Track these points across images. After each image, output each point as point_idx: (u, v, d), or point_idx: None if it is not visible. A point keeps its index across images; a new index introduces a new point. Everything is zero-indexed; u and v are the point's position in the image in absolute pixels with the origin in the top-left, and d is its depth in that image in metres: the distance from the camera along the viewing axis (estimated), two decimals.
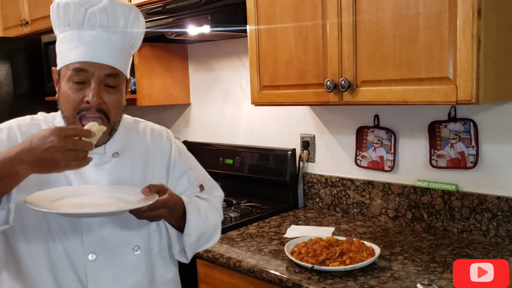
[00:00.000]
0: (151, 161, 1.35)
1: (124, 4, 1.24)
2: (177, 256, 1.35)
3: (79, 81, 1.17)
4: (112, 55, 1.21)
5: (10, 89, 3.00)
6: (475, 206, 1.82)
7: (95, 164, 1.24)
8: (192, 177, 1.42)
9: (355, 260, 1.57)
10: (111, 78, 1.20)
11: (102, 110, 1.19)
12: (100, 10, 1.18)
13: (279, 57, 1.91)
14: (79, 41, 1.18)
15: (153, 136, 1.39)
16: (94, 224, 1.22)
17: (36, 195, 1.12)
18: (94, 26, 1.19)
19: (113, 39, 1.21)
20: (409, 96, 1.57)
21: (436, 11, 1.47)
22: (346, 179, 2.21)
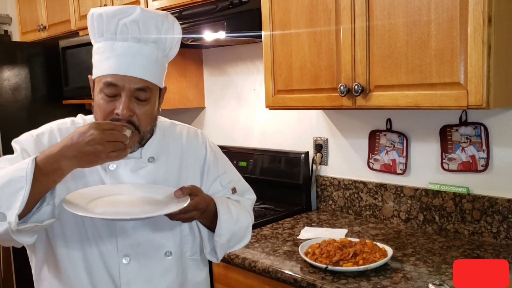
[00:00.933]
0: (186, 165, 1.37)
1: (158, 14, 1.23)
2: (208, 255, 1.37)
3: (110, 94, 1.20)
4: (144, 68, 1.21)
5: (28, 93, 3.08)
6: (486, 209, 1.85)
7: (131, 169, 1.28)
8: (225, 181, 1.44)
9: (368, 261, 1.61)
10: (141, 92, 1.21)
11: (132, 122, 1.21)
12: (132, 22, 1.18)
13: (293, 62, 1.96)
14: (111, 52, 1.20)
15: (188, 139, 1.41)
16: (128, 228, 1.26)
17: (73, 195, 1.16)
18: (126, 37, 1.19)
19: (145, 50, 1.21)
20: (421, 101, 1.61)
21: (447, 18, 1.51)
22: (359, 181, 2.24)
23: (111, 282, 1.26)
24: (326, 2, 1.82)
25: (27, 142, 1.26)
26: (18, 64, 3.04)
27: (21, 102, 3.05)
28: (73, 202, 1.13)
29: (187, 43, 2.53)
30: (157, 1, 2.53)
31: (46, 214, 1.11)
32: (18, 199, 1.03)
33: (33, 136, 1.28)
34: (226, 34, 2.13)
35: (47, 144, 1.24)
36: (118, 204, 1.18)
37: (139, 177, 1.29)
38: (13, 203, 1.04)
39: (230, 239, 1.35)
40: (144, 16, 1.20)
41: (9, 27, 4.90)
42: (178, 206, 1.16)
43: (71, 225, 1.23)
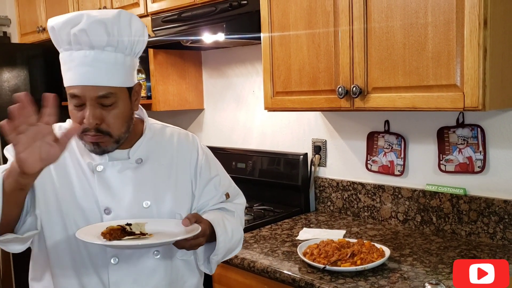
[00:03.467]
0: (177, 167, 1.38)
1: (106, 18, 1.20)
2: (202, 267, 1.40)
3: (76, 105, 1.21)
4: (103, 74, 1.20)
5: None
6: (482, 210, 1.87)
7: (118, 170, 1.29)
8: (218, 184, 1.45)
9: (365, 261, 1.62)
10: (105, 99, 1.20)
11: (101, 130, 1.22)
12: (80, 31, 1.17)
13: (292, 64, 1.98)
14: (71, 63, 1.20)
15: (180, 142, 1.42)
16: None
17: (85, 229, 1.20)
18: (80, 46, 1.18)
19: (101, 56, 1.19)
20: (418, 103, 1.62)
21: (444, 21, 1.53)
22: (357, 183, 2.26)
23: (100, 282, 1.28)
24: (325, 5, 1.84)
25: None
26: (17, 65, 3.05)
27: None
28: (86, 232, 1.18)
29: (187, 45, 2.55)
30: (156, 3, 2.55)
31: (28, 225, 1.13)
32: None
33: None
34: (225, 36, 2.14)
35: None
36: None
37: (126, 178, 1.30)
38: None
39: (225, 254, 1.39)
40: (92, 23, 1.17)
41: (8, 29, 4.91)
42: (192, 233, 1.19)
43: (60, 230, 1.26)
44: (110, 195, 1.28)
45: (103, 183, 1.28)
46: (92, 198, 1.27)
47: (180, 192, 1.37)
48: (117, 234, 1.17)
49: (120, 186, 1.29)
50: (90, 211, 1.27)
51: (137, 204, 1.30)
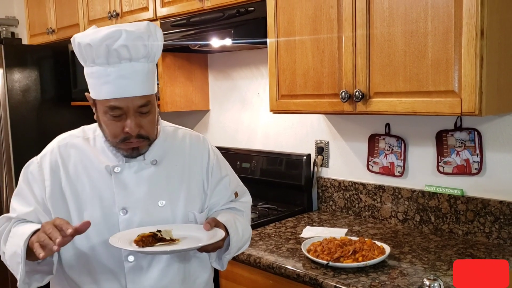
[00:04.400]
0: (189, 167, 1.46)
1: (142, 31, 1.27)
2: (214, 264, 1.49)
3: (116, 115, 1.28)
4: (141, 84, 1.27)
5: (38, 94, 3.17)
6: (479, 210, 1.95)
7: (135, 171, 1.37)
8: (228, 184, 1.54)
9: (367, 257, 1.71)
10: (143, 107, 1.28)
11: (141, 135, 1.30)
12: (121, 46, 1.23)
13: (297, 68, 2.06)
14: (107, 77, 1.25)
15: (191, 144, 1.50)
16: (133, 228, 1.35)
17: (117, 235, 1.29)
18: (117, 60, 1.24)
19: (137, 67, 1.27)
20: (418, 107, 1.71)
21: (443, 30, 1.61)
22: (358, 183, 2.34)
23: (116, 280, 1.35)
24: (329, 12, 1.92)
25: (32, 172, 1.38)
26: (28, 66, 3.13)
27: (31, 103, 3.14)
28: (119, 239, 1.27)
29: (194, 49, 2.63)
30: (165, 8, 2.63)
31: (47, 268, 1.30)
32: (18, 271, 1.24)
33: (38, 161, 1.39)
34: (233, 41, 2.22)
35: (48, 167, 1.36)
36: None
37: (142, 178, 1.37)
38: (18, 273, 1.25)
39: (236, 252, 1.48)
40: (132, 37, 1.24)
41: (15, 29, 4.99)
42: (215, 238, 1.29)
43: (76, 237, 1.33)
44: (127, 195, 1.35)
45: (120, 184, 1.35)
46: (108, 199, 1.34)
47: (193, 192, 1.45)
48: (149, 241, 1.25)
49: (136, 186, 1.36)
50: (107, 211, 1.34)
51: (153, 203, 1.37)
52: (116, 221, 1.33)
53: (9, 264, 1.31)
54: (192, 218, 1.42)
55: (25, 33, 4.54)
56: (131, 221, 1.34)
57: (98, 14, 3.09)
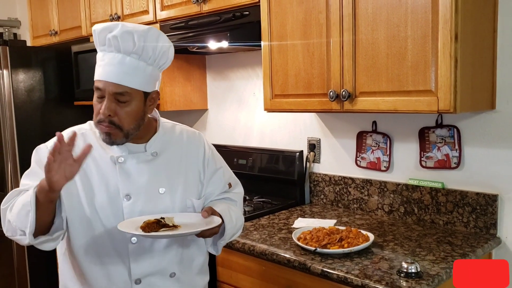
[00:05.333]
0: (186, 159, 1.61)
1: (137, 29, 1.41)
2: (210, 249, 1.65)
3: (98, 96, 1.43)
4: (122, 75, 1.40)
5: (42, 94, 3.30)
6: (457, 201, 2.10)
7: (137, 161, 1.51)
8: (222, 175, 1.70)
9: (352, 244, 1.84)
10: (120, 95, 1.40)
11: (113, 122, 1.42)
12: (113, 37, 1.39)
13: (289, 70, 2.20)
14: (101, 61, 1.42)
15: (188, 138, 1.65)
16: (135, 214, 1.49)
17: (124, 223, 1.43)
18: (112, 49, 1.41)
19: (126, 60, 1.40)
20: (399, 106, 1.84)
21: (421, 35, 1.75)
22: (348, 178, 2.48)
23: (120, 261, 1.49)
24: (318, 18, 2.06)
25: (42, 155, 1.50)
26: (32, 67, 3.26)
27: (36, 102, 3.27)
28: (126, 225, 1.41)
29: (193, 50, 2.76)
30: (165, 11, 2.76)
31: (56, 226, 1.39)
32: (29, 219, 1.32)
33: (47, 147, 1.52)
34: (229, 44, 2.36)
35: None
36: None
37: (144, 168, 1.52)
38: (27, 223, 1.32)
39: (230, 238, 1.62)
40: (124, 32, 1.39)
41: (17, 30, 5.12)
42: (212, 224, 1.45)
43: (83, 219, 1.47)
44: (130, 183, 1.49)
45: (124, 172, 1.49)
46: (113, 187, 1.48)
47: (190, 181, 1.60)
48: (153, 226, 1.39)
49: (139, 175, 1.50)
50: (111, 198, 1.48)
51: (154, 191, 1.52)
52: (120, 206, 1.47)
53: (16, 223, 1.36)
54: (190, 204, 1.57)
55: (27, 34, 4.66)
56: (134, 207, 1.48)
57: (100, 17, 3.22)
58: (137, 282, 1.50)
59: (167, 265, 1.54)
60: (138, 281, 1.50)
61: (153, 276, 1.52)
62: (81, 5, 3.37)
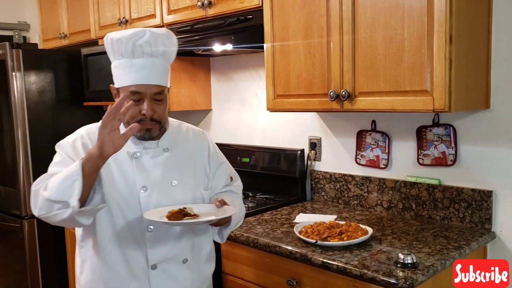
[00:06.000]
0: (194, 155, 1.75)
1: (163, 33, 1.58)
2: (215, 237, 1.78)
3: (135, 99, 1.54)
4: (158, 76, 1.57)
5: (53, 95, 3.40)
6: (454, 197, 2.18)
7: (151, 156, 1.64)
8: (225, 170, 1.84)
9: (351, 237, 1.93)
10: (158, 95, 1.57)
11: (154, 119, 1.57)
12: (145, 42, 1.53)
13: (291, 71, 2.29)
14: (132, 67, 1.54)
15: (194, 136, 1.79)
16: (151, 204, 1.60)
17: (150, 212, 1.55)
18: (141, 54, 1.54)
19: (156, 62, 1.56)
20: (396, 105, 1.93)
21: (417, 37, 1.83)
22: (348, 175, 2.57)
23: (138, 247, 1.61)
24: (319, 21, 2.14)
25: (67, 148, 1.60)
26: (44, 69, 3.36)
27: (47, 103, 3.37)
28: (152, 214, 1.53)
29: (198, 53, 2.86)
30: (171, 15, 2.86)
31: (98, 201, 1.44)
32: (75, 188, 1.36)
33: (69, 142, 1.62)
34: (233, 46, 2.45)
35: (81, 147, 1.60)
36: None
37: (157, 162, 1.64)
38: (72, 192, 1.36)
39: (234, 227, 1.75)
40: (154, 37, 1.54)
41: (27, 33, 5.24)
42: (230, 213, 1.58)
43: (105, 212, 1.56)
44: (146, 176, 1.61)
45: (140, 166, 1.61)
46: (131, 179, 1.60)
47: (198, 174, 1.73)
48: (177, 216, 1.52)
49: (153, 169, 1.63)
50: (129, 189, 1.59)
51: (167, 183, 1.64)
52: (137, 197, 1.59)
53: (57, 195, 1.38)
54: (199, 195, 1.70)
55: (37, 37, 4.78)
56: (150, 198, 1.60)
57: (108, 21, 3.32)
58: (153, 268, 1.61)
59: (180, 252, 1.66)
60: (154, 266, 1.61)
61: (168, 262, 1.63)
62: (90, 10, 3.47)
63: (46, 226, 3.23)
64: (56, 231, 3.33)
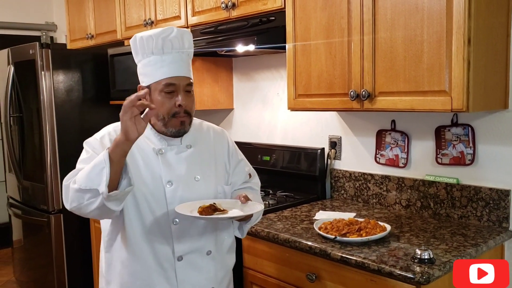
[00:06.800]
0: (215, 152, 1.83)
1: (186, 31, 1.70)
2: (236, 232, 1.86)
3: (169, 92, 1.62)
4: (186, 69, 1.67)
5: (80, 94, 3.51)
6: (472, 196, 2.21)
7: (175, 153, 1.72)
8: (244, 167, 1.92)
9: (370, 234, 1.98)
10: (189, 86, 1.67)
11: (187, 111, 1.65)
12: (174, 38, 1.64)
13: (312, 71, 2.34)
14: (162, 62, 1.63)
15: (214, 134, 1.88)
16: (176, 200, 1.67)
17: (181, 206, 1.63)
18: (170, 50, 1.64)
19: (183, 57, 1.67)
20: (415, 105, 1.97)
21: (436, 39, 1.88)
22: (367, 174, 2.62)
23: (164, 240, 1.68)
24: (340, 22, 2.20)
25: (95, 144, 1.68)
26: (71, 68, 3.47)
27: (74, 102, 3.49)
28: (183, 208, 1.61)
29: (221, 54, 2.93)
30: (196, 17, 2.93)
31: (125, 185, 1.50)
32: (104, 175, 1.43)
33: (97, 139, 1.70)
34: (256, 47, 2.52)
35: (109, 143, 1.65)
36: None
37: (181, 158, 1.72)
38: (101, 179, 1.43)
39: (253, 223, 1.83)
40: (180, 33, 1.66)
41: (54, 34, 5.39)
42: (258, 209, 1.67)
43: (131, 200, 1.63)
44: (171, 171, 1.69)
45: (165, 162, 1.69)
46: (157, 174, 1.67)
47: (218, 170, 1.82)
48: (208, 211, 1.60)
49: (178, 164, 1.70)
50: (155, 184, 1.67)
51: (191, 178, 1.72)
52: (163, 192, 1.67)
53: (86, 184, 1.44)
54: (221, 190, 1.78)
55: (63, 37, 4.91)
56: (175, 192, 1.67)
57: (135, 22, 3.42)
58: (179, 259, 1.69)
59: (205, 244, 1.73)
60: (180, 258, 1.69)
61: (193, 253, 1.71)
62: (116, 11, 3.57)
63: (72, 221, 3.42)
64: (82, 226, 3.44)
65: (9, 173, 3.96)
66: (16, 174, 3.74)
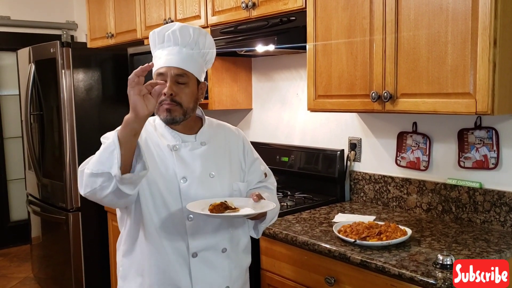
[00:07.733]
0: (229, 150, 1.83)
1: (192, 27, 1.71)
2: (251, 232, 1.85)
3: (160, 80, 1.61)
4: (181, 60, 1.66)
5: (99, 93, 3.53)
6: (495, 201, 2.16)
7: (190, 149, 1.73)
8: (259, 166, 1.92)
9: (390, 238, 1.95)
10: (180, 77, 1.65)
11: (174, 100, 1.64)
12: (173, 31, 1.67)
13: (333, 72, 2.32)
14: (161, 54, 1.69)
15: (229, 132, 1.89)
16: (191, 196, 1.67)
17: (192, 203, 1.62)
18: (170, 43, 1.68)
19: (183, 50, 1.68)
20: (438, 107, 1.94)
21: (461, 40, 1.84)
22: (387, 176, 2.58)
23: (179, 236, 1.68)
24: (362, 23, 2.17)
25: (110, 134, 1.63)
26: (91, 67, 3.49)
27: (94, 100, 3.51)
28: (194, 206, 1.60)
29: (240, 53, 2.92)
30: (215, 16, 2.93)
31: (139, 169, 1.48)
32: (114, 157, 1.41)
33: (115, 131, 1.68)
34: (276, 47, 2.50)
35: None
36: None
37: (195, 155, 1.73)
38: (112, 161, 1.42)
39: (269, 223, 1.82)
40: (181, 27, 1.68)
41: (74, 32, 5.43)
42: (270, 207, 1.65)
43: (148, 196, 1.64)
44: (185, 167, 1.70)
45: (179, 158, 1.70)
46: (171, 170, 1.68)
47: (234, 168, 1.82)
48: (219, 208, 1.59)
49: (192, 161, 1.71)
50: (170, 180, 1.68)
51: (206, 174, 1.72)
52: (178, 187, 1.67)
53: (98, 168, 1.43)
54: (236, 188, 1.78)
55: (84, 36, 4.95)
56: (189, 188, 1.68)
57: (154, 21, 3.42)
58: (194, 256, 1.69)
59: (219, 241, 1.73)
60: (195, 254, 1.69)
61: (208, 250, 1.71)
62: (136, 10, 3.59)
63: (90, 219, 3.44)
64: (100, 224, 3.47)
65: (29, 171, 4.00)
66: (35, 171, 3.77)
